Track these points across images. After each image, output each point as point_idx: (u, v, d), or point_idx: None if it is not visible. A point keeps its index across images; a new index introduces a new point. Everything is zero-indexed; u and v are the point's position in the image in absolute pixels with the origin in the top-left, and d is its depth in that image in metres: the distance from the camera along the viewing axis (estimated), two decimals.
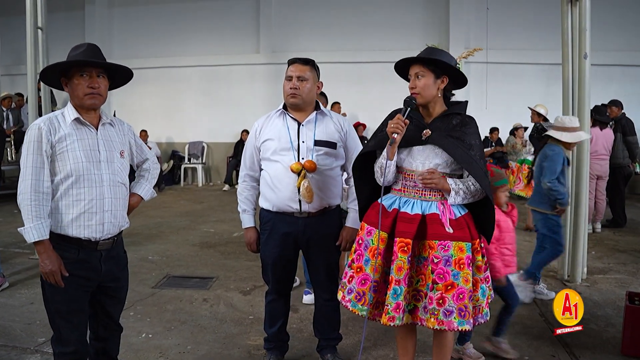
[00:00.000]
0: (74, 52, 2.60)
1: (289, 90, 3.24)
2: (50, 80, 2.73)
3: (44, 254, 2.49)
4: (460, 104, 2.89)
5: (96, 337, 2.86)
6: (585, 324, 4.19)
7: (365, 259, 2.80)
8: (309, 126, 3.30)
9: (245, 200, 3.45)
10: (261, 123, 3.39)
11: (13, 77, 13.95)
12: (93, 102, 2.62)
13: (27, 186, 2.48)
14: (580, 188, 5.28)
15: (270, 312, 3.55)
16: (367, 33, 13.49)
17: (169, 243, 7.22)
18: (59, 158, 2.54)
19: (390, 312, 2.64)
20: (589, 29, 5.14)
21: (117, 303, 2.89)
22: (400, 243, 2.67)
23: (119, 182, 2.73)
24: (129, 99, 14.23)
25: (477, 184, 2.73)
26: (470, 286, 2.66)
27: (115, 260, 2.77)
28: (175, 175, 14.42)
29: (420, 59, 2.78)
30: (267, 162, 3.32)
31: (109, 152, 2.68)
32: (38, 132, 2.51)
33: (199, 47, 14.33)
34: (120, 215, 2.74)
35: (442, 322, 2.61)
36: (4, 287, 5.13)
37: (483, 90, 12.27)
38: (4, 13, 14.36)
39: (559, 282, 5.35)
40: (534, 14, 12.67)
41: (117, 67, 2.72)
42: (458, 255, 2.65)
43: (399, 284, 2.64)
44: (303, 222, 3.29)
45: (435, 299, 2.62)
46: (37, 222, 2.46)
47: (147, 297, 4.93)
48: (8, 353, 3.72)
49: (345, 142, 3.38)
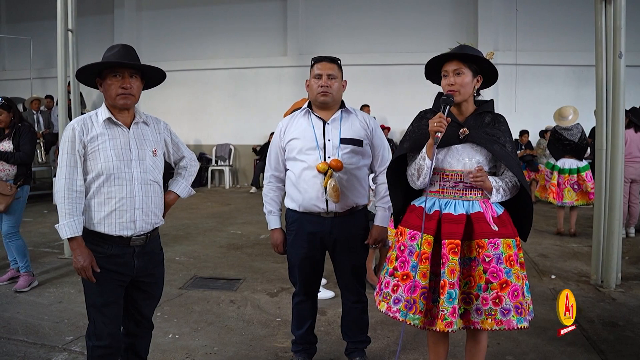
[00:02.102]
0: (108, 53, 2.65)
1: (320, 89, 3.20)
2: (86, 79, 2.76)
3: (76, 250, 2.55)
4: (487, 102, 2.84)
5: (127, 332, 2.89)
6: (621, 331, 4.13)
7: (412, 265, 2.70)
8: (334, 124, 3.26)
9: (271, 201, 3.42)
10: (286, 123, 3.37)
11: (44, 80, 14.19)
12: (125, 102, 2.64)
13: (62, 185, 2.54)
14: (614, 191, 5.15)
15: (298, 314, 3.52)
16: (395, 35, 13.43)
17: (196, 244, 7.24)
18: (90, 157, 2.59)
19: (447, 318, 2.55)
20: (624, 28, 5.02)
21: (150, 298, 2.91)
22: (450, 244, 2.60)
23: (151, 180, 2.74)
24: (157, 102, 14.34)
25: (513, 180, 2.69)
26: (521, 282, 2.62)
27: (149, 256, 2.79)
28: (202, 177, 14.50)
29: (461, 55, 2.72)
30: (292, 161, 3.29)
31: (140, 150, 2.70)
32: (72, 133, 2.58)
33: (226, 49, 14.43)
34: (152, 213, 2.75)
35: (501, 321, 2.55)
36: (34, 286, 5.18)
37: (512, 93, 12.13)
38: (35, 17, 14.64)
39: (592, 288, 5.22)
40: (564, 15, 12.50)
41: (149, 68, 2.74)
42: (507, 252, 2.60)
43: (453, 287, 2.56)
44: (330, 222, 3.25)
45: (490, 299, 2.56)
46: (70, 220, 2.52)
47: (175, 297, 4.93)
48: (37, 350, 3.75)
49: (371, 139, 3.34)
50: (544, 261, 6.31)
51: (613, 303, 4.80)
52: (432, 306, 2.67)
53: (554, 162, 7.88)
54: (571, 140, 7.49)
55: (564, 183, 7.64)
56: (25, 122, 5.34)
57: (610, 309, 4.66)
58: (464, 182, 2.70)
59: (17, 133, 5.10)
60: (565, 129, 7.52)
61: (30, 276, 5.21)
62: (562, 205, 7.77)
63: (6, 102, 5.09)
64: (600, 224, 5.27)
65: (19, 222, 5.22)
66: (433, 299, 2.66)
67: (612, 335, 4.07)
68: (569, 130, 7.48)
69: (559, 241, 7.41)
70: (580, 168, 7.54)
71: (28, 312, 4.53)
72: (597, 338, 3.99)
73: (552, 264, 6.18)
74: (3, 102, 5.07)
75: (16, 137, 5.08)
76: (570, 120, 7.44)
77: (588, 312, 4.50)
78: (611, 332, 4.13)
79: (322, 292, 4.62)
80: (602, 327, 4.23)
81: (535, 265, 6.08)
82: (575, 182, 7.56)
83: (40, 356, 3.68)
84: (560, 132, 7.63)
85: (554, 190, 7.70)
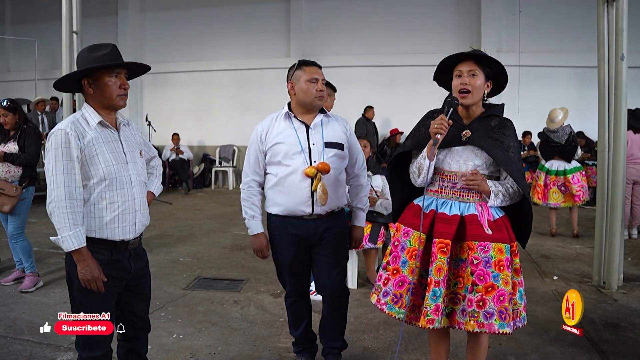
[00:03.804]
0: (98, 53, 2.54)
1: (317, 93, 3.21)
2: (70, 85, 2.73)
3: (82, 262, 2.45)
4: (497, 106, 2.85)
5: (125, 337, 2.84)
6: (623, 332, 4.14)
7: (402, 260, 2.76)
8: (316, 128, 3.27)
9: (253, 206, 3.36)
10: (266, 126, 3.31)
11: (49, 82, 14.18)
12: (124, 102, 2.63)
13: (61, 194, 2.41)
14: (616, 193, 5.16)
15: (294, 314, 3.53)
16: (398, 36, 13.42)
17: (200, 245, 7.27)
18: (89, 162, 2.50)
19: (429, 315, 2.59)
20: (626, 30, 5.04)
21: (144, 300, 2.89)
22: (440, 244, 2.63)
23: (142, 181, 2.75)
24: (161, 103, 14.43)
25: (514, 186, 2.71)
26: (509, 288, 2.62)
27: (140, 257, 2.80)
28: (206, 178, 14.54)
29: (477, 56, 2.74)
30: (276, 166, 3.25)
31: (131, 152, 2.68)
32: (65, 138, 2.44)
33: (230, 51, 14.46)
34: (147, 214, 2.77)
35: (483, 324, 2.57)
36: (39, 286, 5.22)
37: (515, 94, 12.10)
38: (39, 18, 14.69)
39: (594, 289, 5.23)
40: (567, 16, 12.50)
41: (145, 68, 2.76)
42: (498, 256, 2.61)
43: (438, 285, 2.60)
44: (313, 223, 3.26)
45: (475, 301, 2.58)
46: (75, 230, 2.42)
47: (178, 298, 4.96)
48: (43, 350, 3.78)
49: (350, 142, 3.38)
50: (546, 262, 6.32)
51: (615, 304, 4.81)
52: (420, 302, 2.70)
53: (544, 163, 7.92)
54: (558, 142, 7.50)
55: (551, 184, 7.67)
56: (31, 123, 5.37)
57: (612, 310, 4.67)
58: (461, 183, 2.72)
59: (22, 135, 5.13)
60: (551, 131, 7.52)
61: (36, 276, 5.25)
62: (546, 206, 7.81)
63: (11, 104, 5.12)
64: (602, 225, 5.27)
65: (24, 223, 5.25)
66: (422, 295, 2.70)
67: (613, 336, 4.08)
68: (555, 133, 7.48)
69: (561, 242, 7.41)
70: (567, 170, 7.55)
71: (33, 312, 4.57)
72: (598, 339, 4.00)
73: (554, 265, 6.19)
74: (8, 104, 5.11)
75: (21, 139, 5.11)
76: (557, 123, 7.44)
77: (590, 313, 4.51)
78: (613, 333, 4.14)
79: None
80: (604, 328, 4.24)
81: (537, 267, 6.09)
82: (562, 183, 7.58)
83: (45, 356, 3.71)
84: (547, 134, 7.66)
85: (539, 191, 7.74)
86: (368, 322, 4.36)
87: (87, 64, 2.53)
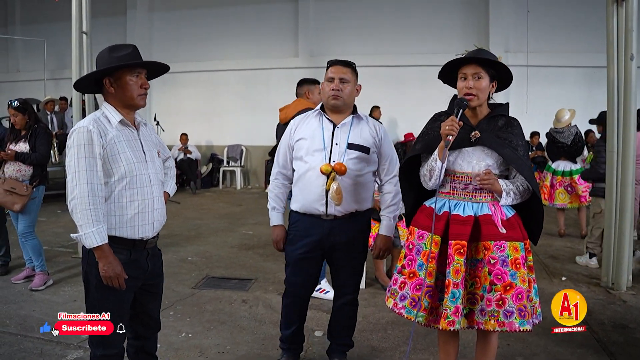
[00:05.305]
0: (119, 53, 2.57)
1: (331, 92, 3.21)
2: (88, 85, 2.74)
3: (104, 259, 2.45)
4: (502, 105, 2.87)
5: (135, 336, 2.86)
6: (632, 334, 4.13)
7: (418, 263, 2.76)
8: (344, 129, 3.26)
9: (275, 197, 3.42)
10: (297, 122, 3.38)
11: (57, 81, 14.30)
12: (145, 102, 2.65)
13: (84, 190, 2.41)
14: (626, 193, 5.15)
15: (286, 315, 3.52)
16: (406, 36, 13.41)
17: (208, 244, 7.29)
18: (111, 160, 2.51)
19: (449, 317, 2.59)
20: (636, 30, 5.03)
21: (157, 299, 2.90)
22: (456, 245, 2.64)
23: (160, 180, 2.77)
24: (169, 103, 14.46)
25: (524, 184, 2.72)
26: (526, 286, 2.63)
27: (157, 257, 2.81)
28: (213, 178, 14.58)
29: (482, 60, 2.74)
30: (298, 161, 3.30)
31: (149, 151, 2.71)
32: (88, 135, 2.45)
33: (238, 51, 14.48)
34: (164, 213, 2.78)
35: (503, 323, 2.58)
36: (49, 284, 5.25)
37: (524, 94, 12.08)
38: (48, 18, 14.76)
39: (602, 290, 5.22)
40: (576, 16, 12.44)
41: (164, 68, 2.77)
42: (514, 255, 2.63)
43: (457, 287, 2.60)
44: (329, 224, 3.25)
45: (494, 300, 2.59)
46: (98, 226, 2.42)
47: (187, 297, 4.99)
48: (53, 348, 3.81)
49: (379, 148, 3.33)
50: (554, 263, 6.31)
51: (624, 305, 4.80)
52: (438, 305, 2.71)
53: (551, 163, 7.90)
54: (563, 143, 7.48)
55: (557, 185, 7.65)
56: (41, 123, 5.41)
57: (621, 311, 4.66)
58: (473, 184, 2.73)
59: (33, 134, 5.17)
60: (557, 131, 7.51)
61: (46, 275, 5.28)
62: (553, 206, 7.78)
63: (21, 105, 5.16)
64: (611, 226, 5.26)
65: (34, 222, 5.29)
66: (439, 297, 2.70)
67: (622, 337, 4.07)
68: (560, 133, 7.46)
69: (569, 243, 7.40)
70: (574, 171, 7.53)
71: (44, 310, 4.60)
72: (607, 340, 4.00)
73: (562, 266, 6.18)
74: (18, 104, 5.14)
75: (32, 138, 5.16)
76: (563, 123, 7.41)
77: (598, 314, 4.51)
78: (621, 334, 4.13)
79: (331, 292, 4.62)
80: (613, 329, 4.23)
81: (546, 267, 6.08)
82: (569, 184, 7.56)
83: (56, 353, 3.74)
84: (553, 135, 7.63)
85: (546, 192, 7.72)
86: (376, 322, 4.37)
87: (108, 64, 2.55)
